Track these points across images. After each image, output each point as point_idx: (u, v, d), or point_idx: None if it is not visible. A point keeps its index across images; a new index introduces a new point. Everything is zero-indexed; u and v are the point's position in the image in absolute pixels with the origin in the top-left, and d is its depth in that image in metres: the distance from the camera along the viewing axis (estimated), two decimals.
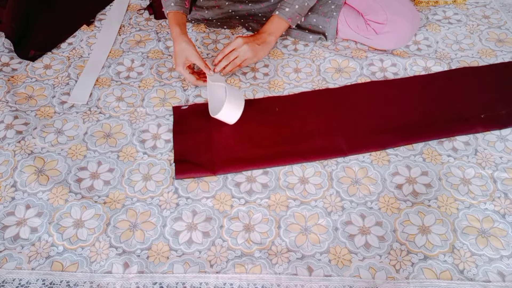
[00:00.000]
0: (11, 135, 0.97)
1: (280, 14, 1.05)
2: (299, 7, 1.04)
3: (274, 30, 1.05)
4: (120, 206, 0.86)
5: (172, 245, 0.80)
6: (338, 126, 0.96)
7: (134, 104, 1.04)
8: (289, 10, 1.04)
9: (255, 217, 0.84)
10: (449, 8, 1.27)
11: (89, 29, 1.25)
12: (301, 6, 1.05)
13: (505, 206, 0.84)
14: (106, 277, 0.77)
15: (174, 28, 1.01)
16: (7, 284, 0.76)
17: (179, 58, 1.00)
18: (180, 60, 1.00)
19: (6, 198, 0.87)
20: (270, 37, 1.05)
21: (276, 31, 1.05)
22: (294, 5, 1.04)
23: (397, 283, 0.75)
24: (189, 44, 0.99)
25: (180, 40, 0.99)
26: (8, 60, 1.16)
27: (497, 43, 1.16)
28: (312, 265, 0.77)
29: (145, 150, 0.95)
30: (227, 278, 0.76)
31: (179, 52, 0.99)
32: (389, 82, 1.07)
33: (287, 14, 1.04)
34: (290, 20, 1.05)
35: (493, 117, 0.97)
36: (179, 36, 1.00)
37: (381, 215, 0.83)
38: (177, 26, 1.01)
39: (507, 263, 0.77)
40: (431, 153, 0.92)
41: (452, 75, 1.07)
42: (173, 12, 1.02)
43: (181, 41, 0.99)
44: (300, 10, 1.05)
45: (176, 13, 1.02)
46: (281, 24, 1.06)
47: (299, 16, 1.06)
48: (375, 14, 1.08)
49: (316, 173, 0.90)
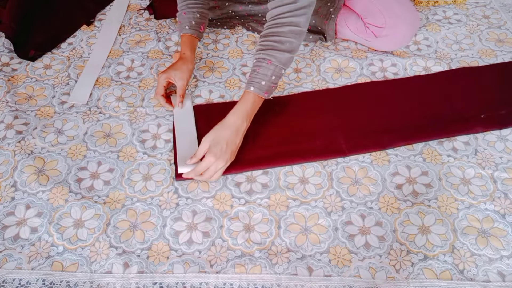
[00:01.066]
0: (11, 135, 0.97)
1: (255, 89, 0.86)
2: (276, 77, 0.87)
3: (246, 110, 0.87)
4: (120, 206, 0.86)
5: (172, 245, 0.80)
6: (338, 126, 0.96)
7: (134, 104, 1.04)
8: (265, 83, 0.86)
9: (255, 217, 0.84)
10: (449, 8, 1.27)
11: (89, 29, 1.25)
12: (278, 75, 0.87)
13: (505, 206, 0.84)
14: (106, 277, 0.77)
15: (186, 50, 1.02)
16: (7, 284, 0.76)
17: (171, 70, 0.99)
18: (170, 71, 0.99)
19: (6, 198, 0.87)
20: (243, 124, 0.87)
21: (249, 112, 0.87)
22: (270, 76, 0.86)
23: (397, 283, 0.75)
24: (188, 71, 1.01)
25: (185, 61, 1.01)
26: (8, 60, 1.16)
27: (497, 43, 1.16)
28: (312, 265, 0.77)
29: (145, 150, 0.95)
30: (227, 278, 0.76)
31: (175, 67, 1.00)
32: (389, 82, 1.07)
33: (264, 88, 0.87)
34: (266, 94, 0.88)
35: (493, 117, 0.97)
36: (187, 59, 1.01)
37: (381, 215, 0.83)
38: (188, 50, 1.02)
39: (507, 263, 0.77)
40: (431, 153, 0.92)
41: (452, 75, 1.07)
42: (187, 36, 1.03)
43: (185, 62, 1.01)
44: (276, 79, 0.88)
45: (190, 37, 1.03)
46: (256, 100, 0.88)
47: (275, 86, 0.89)
48: (373, 17, 1.07)
49: (316, 173, 0.90)
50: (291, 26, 0.85)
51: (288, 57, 0.87)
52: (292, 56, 0.88)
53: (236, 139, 0.86)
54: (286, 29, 0.85)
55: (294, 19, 0.85)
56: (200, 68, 1.13)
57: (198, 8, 1.03)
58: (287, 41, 0.86)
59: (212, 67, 1.13)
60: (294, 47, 0.87)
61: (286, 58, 0.87)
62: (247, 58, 1.15)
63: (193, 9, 1.03)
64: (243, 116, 0.87)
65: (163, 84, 1.00)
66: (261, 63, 0.86)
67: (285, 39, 0.85)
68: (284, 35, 0.85)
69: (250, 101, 0.87)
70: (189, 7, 1.03)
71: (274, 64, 0.86)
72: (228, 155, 0.85)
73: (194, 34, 1.03)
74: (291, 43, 0.86)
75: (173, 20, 1.27)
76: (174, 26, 1.25)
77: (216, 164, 0.84)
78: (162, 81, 1.00)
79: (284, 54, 0.86)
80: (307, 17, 0.87)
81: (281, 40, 0.86)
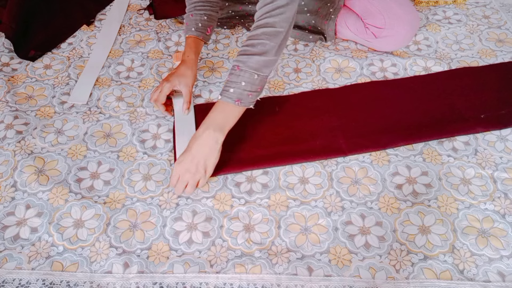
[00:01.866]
0: (11, 135, 0.97)
1: (223, 97, 0.83)
2: (246, 83, 0.82)
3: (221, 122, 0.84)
4: (120, 206, 0.86)
5: (172, 245, 0.80)
6: (338, 126, 0.96)
7: (134, 104, 1.04)
8: (234, 90, 0.82)
9: (255, 217, 0.84)
10: (449, 8, 1.27)
11: (89, 29, 1.25)
12: (250, 82, 0.82)
13: (505, 206, 0.84)
14: (106, 277, 0.77)
15: (189, 53, 0.98)
16: (7, 284, 0.76)
17: (175, 78, 0.96)
18: (174, 79, 0.95)
19: (6, 198, 0.87)
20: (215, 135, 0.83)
21: (219, 122, 0.83)
22: (239, 83, 0.82)
23: (397, 283, 0.75)
24: (192, 76, 0.97)
25: (188, 65, 0.97)
26: (8, 60, 1.16)
27: (497, 43, 1.16)
28: (312, 265, 0.77)
29: (145, 150, 0.95)
30: (227, 278, 0.76)
31: (179, 74, 0.96)
32: (389, 82, 1.07)
33: (233, 96, 0.82)
34: (238, 102, 0.83)
35: (493, 117, 0.97)
36: (190, 62, 0.97)
37: (381, 215, 0.83)
38: (193, 53, 0.98)
39: (507, 263, 0.77)
40: (431, 153, 0.92)
41: (452, 75, 1.07)
42: (193, 38, 0.99)
43: (188, 67, 0.96)
44: (251, 86, 0.82)
45: (195, 39, 0.99)
46: (229, 110, 0.84)
47: (253, 93, 0.83)
48: (373, 18, 1.07)
49: (316, 173, 0.90)
50: (265, 28, 0.82)
51: (259, 60, 0.81)
52: (267, 59, 0.82)
53: (204, 150, 0.83)
54: (259, 31, 0.82)
55: (269, 19, 0.81)
56: (200, 68, 1.13)
57: (206, 10, 1.00)
58: (259, 43, 0.81)
59: (212, 67, 1.13)
60: (267, 49, 0.81)
61: (257, 61, 0.81)
62: None
63: (200, 11, 1.00)
64: (211, 126, 0.83)
65: (167, 93, 0.96)
66: (232, 71, 0.83)
67: (257, 41, 0.81)
68: (256, 38, 0.82)
69: (218, 110, 0.84)
70: (197, 9, 1.00)
71: (242, 69, 0.81)
72: (195, 167, 0.82)
73: (200, 36, 0.99)
74: (263, 45, 0.81)
75: (173, 20, 1.27)
76: (174, 26, 1.25)
77: (183, 176, 0.83)
78: (166, 90, 0.95)
79: (253, 57, 0.81)
80: (285, 16, 0.82)
81: (252, 43, 0.82)
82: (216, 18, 1.05)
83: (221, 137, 0.84)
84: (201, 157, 0.83)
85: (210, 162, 0.84)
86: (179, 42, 1.20)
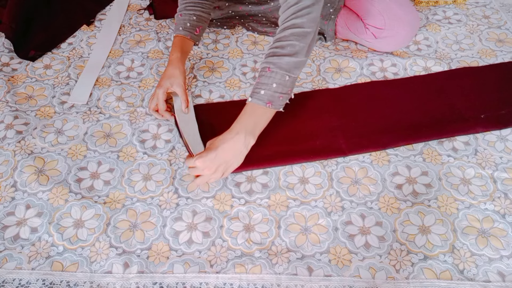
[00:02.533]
0: (11, 135, 0.97)
1: (253, 99, 0.82)
2: (278, 85, 0.81)
3: (252, 125, 0.83)
4: (120, 206, 0.86)
5: (172, 245, 0.80)
6: (338, 126, 0.96)
7: (134, 104, 1.04)
8: (265, 92, 0.82)
9: (255, 217, 0.84)
10: (449, 8, 1.27)
11: (89, 29, 1.25)
12: (282, 83, 0.82)
13: (505, 206, 0.84)
14: (106, 277, 0.77)
15: (174, 52, 0.98)
16: (7, 284, 0.76)
17: (165, 81, 0.96)
18: (165, 83, 0.95)
19: (6, 198, 0.87)
20: (246, 138, 0.82)
21: (250, 126, 0.83)
22: (271, 84, 0.81)
23: (397, 283, 0.75)
24: (181, 74, 0.96)
25: (175, 65, 0.96)
26: (8, 60, 1.16)
27: (497, 43, 1.16)
28: (312, 265, 0.77)
29: (145, 150, 0.95)
30: (227, 278, 0.76)
31: (168, 76, 0.96)
32: (388, 82, 1.07)
33: (264, 98, 0.82)
34: (269, 105, 0.82)
35: (493, 117, 0.97)
36: (176, 61, 0.96)
37: (381, 215, 0.83)
38: (178, 51, 0.97)
39: (507, 263, 0.77)
40: (431, 153, 0.92)
41: (452, 75, 1.07)
42: (180, 37, 0.99)
43: (175, 66, 0.96)
44: (282, 88, 0.82)
45: (182, 38, 0.99)
46: (260, 113, 0.83)
47: (284, 96, 0.83)
48: (373, 18, 1.07)
49: (316, 173, 0.90)
50: (293, 29, 0.82)
51: (289, 61, 0.81)
52: (297, 59, 0.82)
53: (229, 154, 0.82)
54: (288, 32, 0.82)
55: (297, 20, 0.81)
56: (200, 68, 1.13)
57: (195, 10, 1.00)
58: (288, 44, 0.81)
59: (212, 67, 1.13)
60: (297, 50, 0.82)
61: (287, 62, 0.81)
62: (247, 58, 1.15)
63: (190, 11, 1.00)
64: (242, 130, 0.82)
65: (164, 98, 0.96)
66: (262, 72, 0.83)
67: (286, 43, 0.81)
68: (285, 39, 0.82)
69: (248, 113, 0.83)
70: (187, 9, 1.00)
71: (274, 71, 0.81)
72: (215, 167, 0.82)
73: (188, 35, 0.99)
74: (292, 46, 0.81)
75: (173, 20, 1.27)
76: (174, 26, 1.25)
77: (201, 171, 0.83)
78: (161, 97, 0.95)
79: (284, 58, 0.81)
80: (312, 16, 0.82)
81: (282, 44, 0.82)
82: (208, 20, 1.04)
83: (252, 142, 0.84)
84: (225, 160, 0.82)
85: (232, 167, 0.84)
86: None
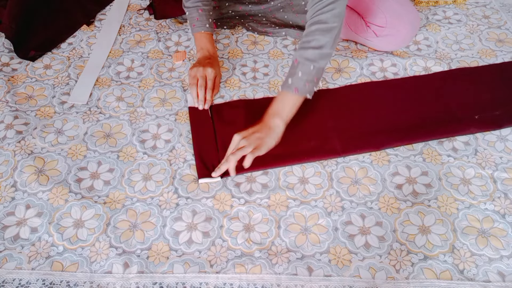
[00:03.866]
0: (11, 135, 0.97)
1: (283, 88, 0.91)
2: (303, 73, 0.89)
3: (279, 109, 0.90)
4: (120, 206, 0.86)
5: (172, 245, 0.80)
6: (332, 127, 0.96)
7: (134, 104, 1.04)
8: (292, 80, 0.89)
9: (255, 217, 0.84)
10: (449, 8, 1.27)
11: (89, 29, 1.25)
12: (307, 72, 0.89)
13: (505, 206, 0.84)
14: (106, 277, 0.77)
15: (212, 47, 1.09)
16: (7, 284, 0.76)
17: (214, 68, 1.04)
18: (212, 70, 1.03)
19: (6, 198, 0.87)
20: (273, 120, 0.89)
21: (281, 110, 0.90)
22: (297, 73, 0.89)
23: (397, 283, 0.75)
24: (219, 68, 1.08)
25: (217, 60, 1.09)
26: (8, 60, 1.16)
27: (497, 43, 1.16)
28: (312, 265, 0.77)
29: (145, 150, 0.95)
30: (227, 278, 0.76)
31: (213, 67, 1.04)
32: (383, 83, 1.06)
33: (291, 86, 0.89)
34: (296, 91, 0.89)
35: (487, 118, 0.97)
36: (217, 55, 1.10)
37: (381, 215, 0.83)
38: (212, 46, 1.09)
39: (507, 263, 0.77)
40: (431, 153, 0.92)
41: (448, 76, 1.07)
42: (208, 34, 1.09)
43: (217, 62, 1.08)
44: (307, 76, 0.89)
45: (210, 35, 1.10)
46: (287, 99, 0.90)
47: (310, 83, 0.90)
48: (374, 16, 1.07)
49: (316, 173, 0.90)
50: (318, 24, 0.89)
51: (315, 52, 0.88)
52: (322, 52, 0.89)
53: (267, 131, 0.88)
54: (313, 28, 0.89)
55: (321, 16, 0.88)
56: None
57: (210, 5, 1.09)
58: (314, 39, 0.89)
59: None
60: (322, 44, 0.89)
61: (313, 53, 0.88)
62: (247, 58, 1.15)
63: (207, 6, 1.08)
64: (273, 115, 0.89)
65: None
66: (291, 65, 0.91)
67: (312, 37, 0.89)
68: (311, 35, 0.89)
69: (279, 100, 0.91)
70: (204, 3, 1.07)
71: (300, 62, 0.89)
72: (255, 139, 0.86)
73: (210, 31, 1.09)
74: (318, 40, 0.88)
75: (173, 20, 1.27)
76: (174, 26, 1.25)
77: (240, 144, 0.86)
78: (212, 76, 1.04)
79: (309, 50, 0.88)
80: (337, 12, 0.89)
81: (308, 39, 0.89)
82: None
83: (283, 125, 0.90)
84: (263, 135, 0.87)
85: (269, 142, 0.88)
86: (179, 42, 1.20)
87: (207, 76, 1.02)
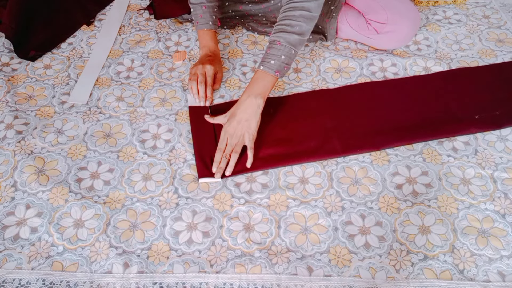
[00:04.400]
0: (11, 135, 0.97)
1: (265, 68, 0.91)
2: (285, 57, 0.91)
3: (257, 89, 0.91)
4: (120, 206, 0.86)
5: (172, 245, 0.80)
6: (332, 127, 0.96)
7: (134, 104, 1.04)
8: (275, 62, 0.91)
9: (255, 217, 0.84)
10: (449, 8, 1.27)
11: (89, 29, 1.25)
12: (288, 55, 0.92)
13: (505, 206, 0.84)
14: (106, 277, 0.77)
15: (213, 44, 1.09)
16: (7, 284, 0.76)
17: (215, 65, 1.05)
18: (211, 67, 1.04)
19: (6, 198, 0.87)
20: (256, 100, 0.91)
21: (260, 90, 0.91)
22: (280, 56, 0.91)
23: (397, 283, 0.75)
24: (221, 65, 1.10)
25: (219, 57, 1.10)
26: (8, 60, 1.16)
27: (497, 43, 1.16)
28: (312, 265, 0.77)
29: (145, 150, 0.95)
30: (227, 278, 0.76)
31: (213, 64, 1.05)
32: (383, 83, 1.06)
33: (273, 67, 0.91)
34: (277, 73, 0.92)
35: (487, 118, 0.97)
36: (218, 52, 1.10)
37: (381, 215, 0.83)
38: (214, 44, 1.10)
39: (507, 263, 0.77)
40: (431, 153, 0.92)
41: (447, 76, 1.07)
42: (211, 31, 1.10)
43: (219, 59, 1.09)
44: (288, 60, 0.92)
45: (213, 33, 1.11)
46: (268, 79, 0.92)
47: (287, 67, 0.93)
48: (375, 13, 1.08)
49: (316, 173, 0.90)
50: (303, 11, 0.91)
51: (297, 38, 0.91)
52: (302, 38, 0.92)
53: (246, 112, 0.91)
54: (297, 13, 0.91)
55: (306, 4, 0.91)
56: None
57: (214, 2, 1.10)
58: (297, 24, 0.91)
59: None
60: (303, 31, 0.92)
61: (295, 39, 0.91)
62: (247, 58, 1.15)
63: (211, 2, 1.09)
64: (252, 93, 0.91)
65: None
66: (272, 45, 0.92)
67: (295, 22, 0.91)
68: (295, 19, 0.91)
69: (259, 79, 0.92)
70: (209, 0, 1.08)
71: (283, 44, 0.91)
72: (240, 131, 0.90)
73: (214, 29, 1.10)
74: (300, 27, 0.91)
75: (173, 20, 1.27)
76: (174, 26, 1.25)
77: (230, 139, 0.90)
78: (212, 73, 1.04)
79: (293, 35, 0.91)
80: (319, 3, 0.92)
81: (291, 23, 0.91)
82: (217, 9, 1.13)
83: (262, 103, 0.92)
84: (245, 118, 0.91)
85: (253, 122, 0.91)
86: (179, 42, 1.20)
87: (206, 73, 1.03)
